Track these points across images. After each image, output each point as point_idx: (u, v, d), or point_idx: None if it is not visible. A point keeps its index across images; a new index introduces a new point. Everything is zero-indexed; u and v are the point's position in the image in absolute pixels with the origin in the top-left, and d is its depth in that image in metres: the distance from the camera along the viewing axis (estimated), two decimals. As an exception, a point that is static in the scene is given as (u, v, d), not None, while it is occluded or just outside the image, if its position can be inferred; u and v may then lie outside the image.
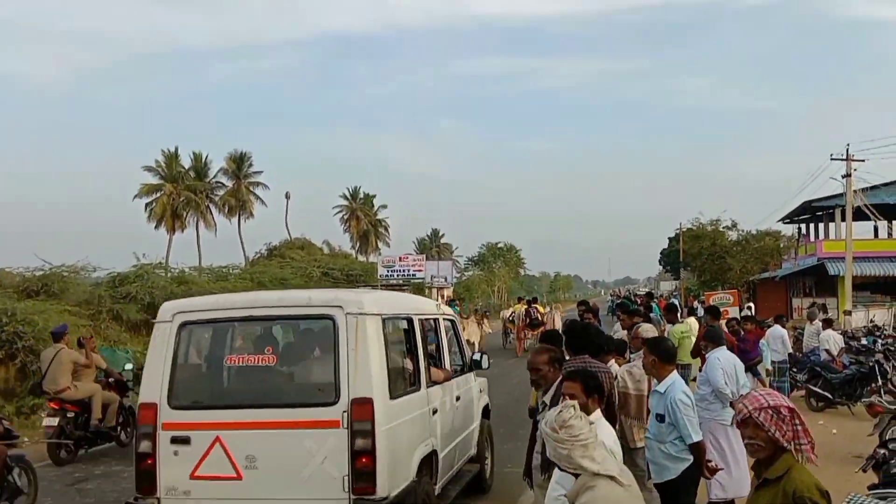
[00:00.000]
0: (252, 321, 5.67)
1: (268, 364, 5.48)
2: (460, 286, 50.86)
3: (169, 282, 26.57)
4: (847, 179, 27.03)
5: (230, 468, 5.11)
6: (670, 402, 5.06)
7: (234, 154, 57.79)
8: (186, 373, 5.62)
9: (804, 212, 36.82)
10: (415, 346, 6.19)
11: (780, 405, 2.83)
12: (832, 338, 14.66)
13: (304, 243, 46.75)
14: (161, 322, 5.58)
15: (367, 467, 4.97)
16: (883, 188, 30.70)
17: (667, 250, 75.11)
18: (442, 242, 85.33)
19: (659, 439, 5.18)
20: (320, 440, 5.05)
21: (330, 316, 5.23)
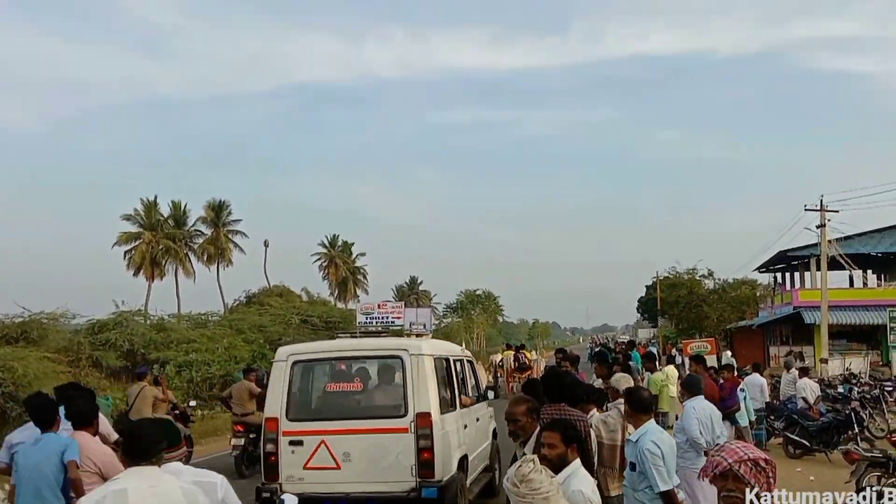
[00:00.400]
0: (343, 360, 7.99)
1: (356, 389, 7.76)
2: (439, 333, 50.71)
3: (148, 329, 26.45)
4: (821, 230, 27.70)
5: (332, 461, 7.07)
6: (640, 452, 5.11)
7: (212, 202, 57.96)
8: (298, 395, 7.59)
9: (780, 261, 37.57)
10: (451, 378, 8.31)
11: (759, 457, 2.88)
12: (809, 386, 14.80)
13: (282, 290, 46.58)
14: (278, 361, 7.57)
15: (428, 460, 6.95)
16: (857, 238, 31.56)
17: (644, 298, 75.74)
18: (420, 289, 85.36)
19: (633, 487, 5.24)
20: (395, 441, 7.05)
21: (399, 356, 7.39)
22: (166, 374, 20.20)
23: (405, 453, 6.99)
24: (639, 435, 5.22)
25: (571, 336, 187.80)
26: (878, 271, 39.74)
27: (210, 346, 24.77)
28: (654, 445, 5.11)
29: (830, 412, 13.80)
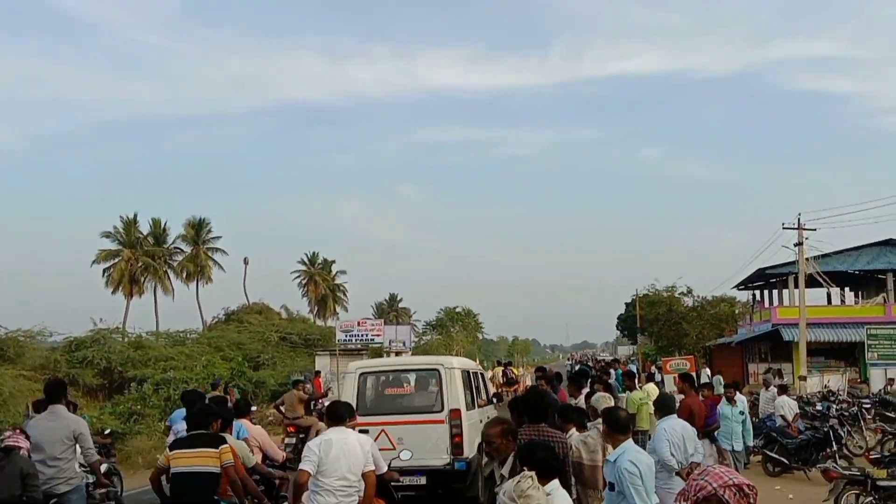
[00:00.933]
0: (396, 371, 10.97)
1: (407, 392, 10.64)
2: (418, 350, 50.67)
3: (126, 346, 26.16)
4: (799, 248, 28.07)
5: (389, 444, 9.01)
6: (618, 471, 5.11)
7: (192, 220, 57.49)
8: (365, 397, 10.11)
9: (758, 279, 37.97)
10: (471, 385, 10.73)
11: (743, 483, 2.89)
12: (787, 403, 14.90)
13: (261, 308, 46.34)
14: (349, 373, 10.31)
15: (458, 443, 9.41)
16: (834, 256, 32.00)
17: (624, 315, 76.18)
18: (400, 307, 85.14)
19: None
20: (435, 429, 9.48)
21: (437, 369, 10.03)
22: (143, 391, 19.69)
23: (442, 438, 9.49)
24: (617, 455, 5.22)
25: (551, 353, 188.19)
26: (856, 289, 40.34)
27: (188, 363, 24.53)
28: (632, 465, 5.11)
29: (809, 430, 13.90)
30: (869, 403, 18.68)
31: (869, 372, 25.99)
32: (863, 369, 30.40)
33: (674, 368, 22.58)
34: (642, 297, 49.88)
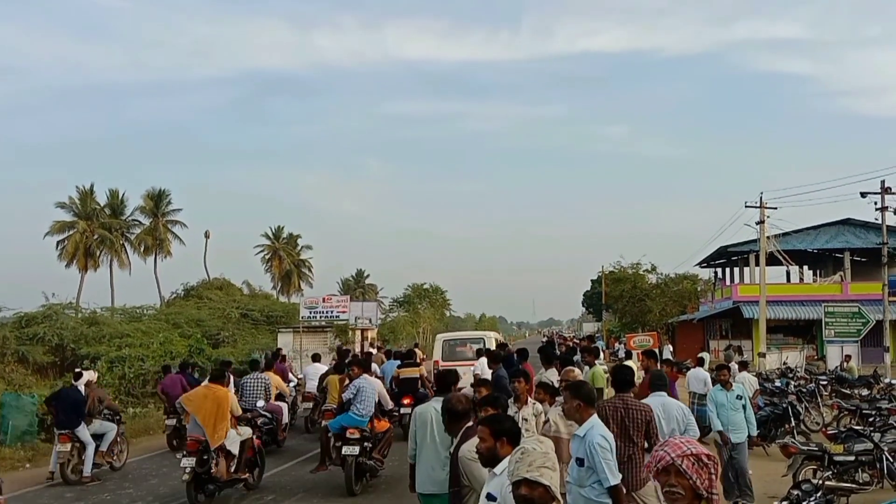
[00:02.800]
0: (464, 341, 20.76)
1: (467, 350, 19.49)
2: (385, 327, 50.37)
3: (79, 322, 25.45)
4: (760, 226, 28.39)
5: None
6: (589, 446, 5.03)
7: (151, 191, 56.07)
8: (445, 352, 19.91)
9: (720, 256, 38.47)
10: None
11: (702, 452, 2.81)
12: (747, 380, 14.88)
13: (222, 283, 45.50)
14: (438, 340, 20.85)
15: None
16: (794, 235, 32.49)
17: (589, 292, 76.86)
18: (367, 283, 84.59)
19: (579, 483, 5.12)
20: None
21: (482, 338, 20.15)
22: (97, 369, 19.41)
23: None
24: (586, 429, 5.13)
25: (518, 330, 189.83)
26: (814, 267, 41.15)
27: (144, 340, 23.93)
28: (603, 439, 5.07)
29: (768, 406, 14.01)
30: (826, 380, 18.98)
31: (826, 349, 26.49)
32: (820, 346, 31.08)
33: (637, 345, 22.72)
34: (608, 274, 50.27)
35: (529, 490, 2.98)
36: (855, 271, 35.29)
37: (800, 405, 14.21)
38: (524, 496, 2.99)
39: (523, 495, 2.99)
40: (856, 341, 24.90)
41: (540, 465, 3.00)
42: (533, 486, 2.97)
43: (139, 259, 55.12)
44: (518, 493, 3.03)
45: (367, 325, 37.92)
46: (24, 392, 16.00)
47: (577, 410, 5.27)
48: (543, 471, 2.99)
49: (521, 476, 3.01)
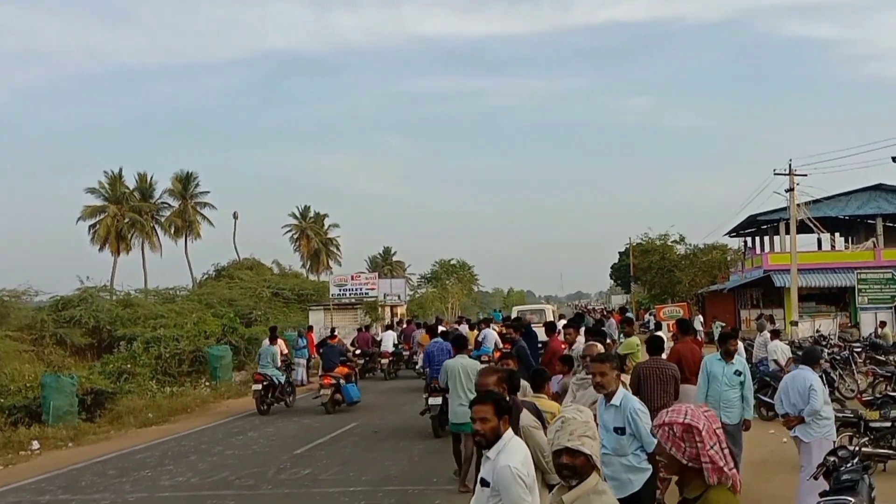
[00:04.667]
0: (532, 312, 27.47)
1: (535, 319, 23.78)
2: (414, 303, 50.69)
3: (114, 305, 25.95)
4: (790, 194, 27.88)
5: None
6: (630, 413, 5.08)
7: (179, 174, 56.58)
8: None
9: (750, 225, 37.89)
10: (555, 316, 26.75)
11: (675, 422, 2.65)
12: (780, 348, 14.91)
13: (252, 263, 46.01)
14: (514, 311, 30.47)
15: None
16: (825, 202, 31.82)
17: (617, 265, 76.29)
18: (394, 260, 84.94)
19: (619, 453, 5.13)
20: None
21: (544, 309, 28.71)
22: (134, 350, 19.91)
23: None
24: (620, 399, 5.20)
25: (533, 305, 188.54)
26: (846, 234, 40.34)
27: (178, 320, 24.33)
28: (641, 405, 5.17)
29: (802, 374, 13.85)
30: (860, 347, 18.71)
31: (859, 316, 26.09)
32: (853, 314, 30.57)
33: (667, 315, 22.56)
34: (635, 246, 49.85)
35: (571, 459, 2.95)
36: (887, 237, 34.56)
37: (834, 373, 14.07)
38: (566, 465, 2.96)
39: (565, 464, 2.96)
40: (890, 307, 24.56)
41: (581, 433, 2.97)
42: (574, 455, 2.95)
43: (170, 241, 55.98)
44: (559, 461, 2.99)
45: (396, 301, 38.19)
46: (64, 373, 16.40)
47: (615, 380, 5.30)
48: (584, 440, 2.96)
49: (562, 445, 2.98)
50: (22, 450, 13.27)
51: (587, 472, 2.97)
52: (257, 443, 12.86)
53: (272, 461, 11.06)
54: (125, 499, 9.28)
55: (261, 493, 9.23)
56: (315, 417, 15.56)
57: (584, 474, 2.96)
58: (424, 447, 11.73)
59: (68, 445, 13.72)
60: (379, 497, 8.78)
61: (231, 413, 16.94)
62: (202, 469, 10.83)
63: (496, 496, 3.55)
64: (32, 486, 10.34)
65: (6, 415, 14.94)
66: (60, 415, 14.93)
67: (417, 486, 9.28)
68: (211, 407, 18.16)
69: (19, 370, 16.97)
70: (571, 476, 2.96)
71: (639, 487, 5.07)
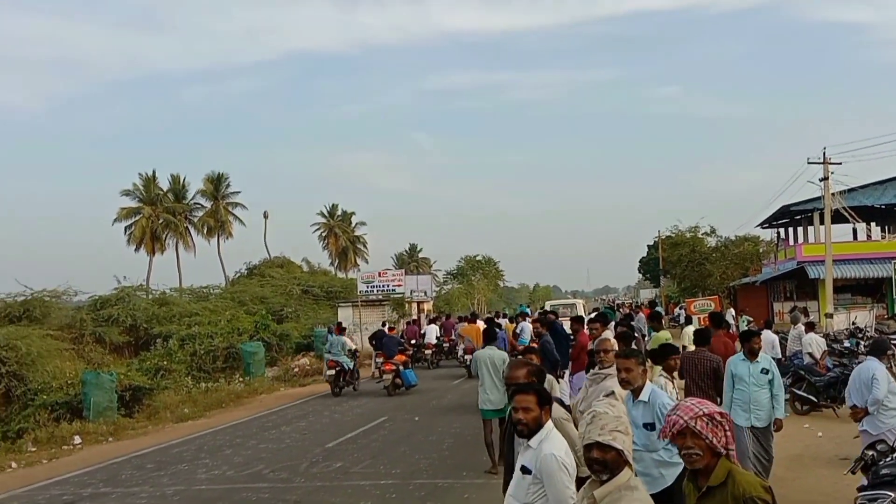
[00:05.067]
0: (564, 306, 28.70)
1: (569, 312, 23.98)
2: (440, 300, 50.82)
3: (150, 303, 26.45)
4: (824, 183, 27.29)
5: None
6: (659, 408, 5.02)
7: (211, 175, 57.45)
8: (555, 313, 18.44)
9: (783, 216, 37.24)
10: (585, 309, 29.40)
11: (714, 412, 2.84)
12: (815, 341, 14.63)
13: (283, 262, 46.59)
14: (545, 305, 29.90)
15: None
16: (860, 190, 31.14)
17: (646, 258, 75.53)
18: (420, 257, 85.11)
19: (650, 449, 5.11)
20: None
21: (575, 303, 31.77)
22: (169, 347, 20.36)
23: None
24: (648, 394, 5.17)
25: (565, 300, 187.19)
26: (882, 223, 39.42)
27: (212, 318, 24.79)
28: (669, 399, 5.11)
29: (837, 367, 13.64)
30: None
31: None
32: (890, 305, 29.93)
33: (698, 309, 22.32)
34: (664, 239, 49.25)
35: (602, 453, 2.95)
36: (926, 226, 33.79)
37: (870, 365, 13.75)
38: (596, 459, 2.96)
39: (595, 458, 2.96)
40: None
41: (612, 428, 2.97)
42: (605, 450, 2.95)
43: (203, 241, 56.83)
44: (590, 456, 2.99)
45: (422, 297, 38.33)
46: (103, 370, 16.81)
47: (642, 376, 5.26)
48: (616, 434, 2.96)
49: (592, 439, 2.97)
50: (65, 444, 13.65)
51: (619, 467, 2.97)
52: (290, 437, 13.05)
53: (305, 455, 11.22)
54: (163, 491, 9.49)
55: (294, 486, 9.37)
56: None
57: (615, 469, 2.96)
58: (454, 440, 11.81)
59: (108, 440, 14.06)
60: (409, 490, 8.86)
61: (265, 408, 17.23)
62: (237, 462, 11.02)
63: (537, 483, 3.60)
64: (75, 480, 10.65)
65: (49, 411, 15.38)
66: (100, 410, 15.32)
67: (447, 479, 9.34)
68: (245, 402, 18.46)
69: (61, 368, 17.43)
70: (602, 471, 2.96)
71: (671, 482, 5.03)
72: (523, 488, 3.67)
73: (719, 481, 2.78)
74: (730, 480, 2.77)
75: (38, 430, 14.41)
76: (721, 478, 2.79)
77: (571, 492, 3.48)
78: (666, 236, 48.41)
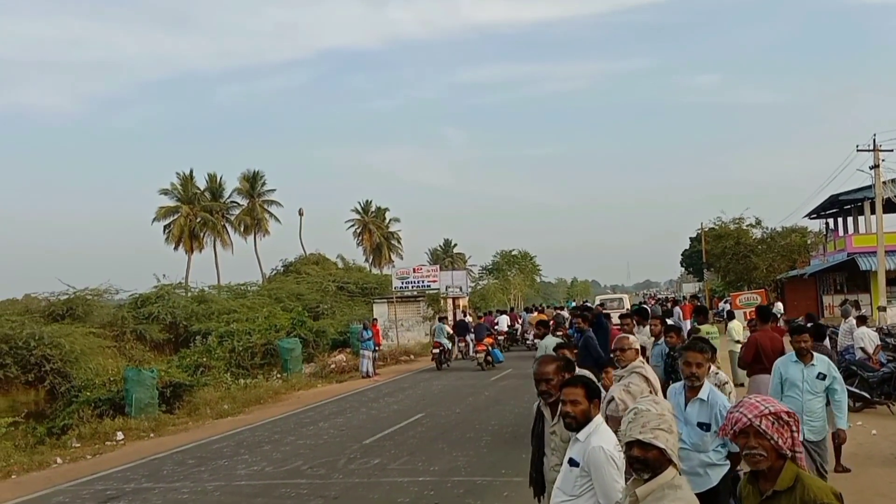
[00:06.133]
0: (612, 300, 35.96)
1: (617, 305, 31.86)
2: (475, 295, 50.58)
3: (189, 301, 26.78)
4: (875, 170, 26.35)
5: None
6: (720, 410, 4.84)
7: (247, 173, 58.19)
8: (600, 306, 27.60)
9: (831, 206, 36.14)
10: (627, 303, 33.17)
11: (781, 411, 2.71)
12: (867, 335, 14.09)
13: (318, 258, 46.88)
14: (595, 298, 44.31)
15: None
16: (913, 178, 30.04)
17: (688, 251, 74.20)
18: (455, 252, 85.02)
19: (700, 449, 4.95)
20: None
21: (622, 298, 36.87)
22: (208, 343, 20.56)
23: None
24: (707, 393, 4.99)
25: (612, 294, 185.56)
26: (936, 212, 38.01)
27: (250, 315, 24.97)
28: (728, 402, 4.96)
29: (891, 362, 13.12)
30: (954, 332, 17.52)
31: (953, 299, 24.53)
32: (946, 297, 28.81)
33: (744, 303, 21.73)
34: (708, 231, 48.23)
35: (643, 452, 2.85)
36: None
37: (922, 360, 13.19)
38: (637, 458, 2.87)
39: (636, 457, 2.87)
40: None
41: (655, 426, 2.86)
42: (646, 449, 2.84)
43: (240, 238, 57.67)
44: (630, 454, 2.91)
45: (457, 293, 38.19)
46: (144, 367, 17.01)
47: (707, 373, 5.09)
48: (658, 433, 2.85)
49: (633, 437, 2.88)
50: (108, 440, 13.84)
51: (661, 465, 2.85)
52: (328, 433, 13.01)
53: (342, 451, 11.16)
54: (204, 487, 9.52)
55: (332, 482, 9.30)
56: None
57: (657, 468, 2.85)
58: (491, 438, 11.63)
59: (150, 436, 14.21)
60: (447, 487, 8.73)
61: (302, 404, 17.25)
62: (276, 458, 11.00)
63: (585, 476, 3.61)
64: (118, 475, 10.76)
65: (92, 407, 15.61)
66: (142, 407, 15.49)
67: (485, 476, 9.19)
68: (282, 398, 18.54)
69: (103, 365, 17.70)
70: (643, 469, 2.86)
71: (716, 483, 4.90)
72: (570, 481, 3.68)
73: (786, 486, 2.64)
74: (798, 485, 2.63)
75: (82, 427, 14.64)
76: (789, 482, 2.65)
77: (620, 485, 3.43)
78: (709, 228, 47.37)
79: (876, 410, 12.24)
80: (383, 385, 20.09)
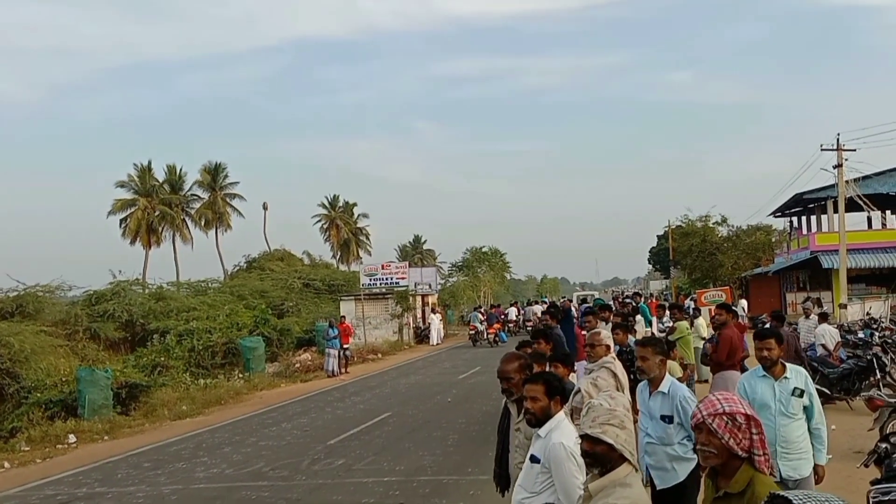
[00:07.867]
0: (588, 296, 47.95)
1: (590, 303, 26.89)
2: (445, 292, 50.37)
3: (147, 298, 26.00)
4: (838, 170, 26.73)
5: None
6: (680, 402, 4.88)
7: (208, 166, 56.34)
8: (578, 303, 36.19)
9: (795, 204, 36.72)
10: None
11: (736, 412, 2.65)
12: (828, 332, 14.30)
13: (283, 254, 45.97)
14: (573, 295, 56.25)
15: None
16: (875, 177, 30.63)
17: (656, 249, 75.09)
18: (424, 248, 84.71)
19: (665, 442, 4.93)
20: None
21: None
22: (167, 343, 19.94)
23: None
24: (668, 386, 5.02)
25: (581, 291, 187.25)
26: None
27: (211, 313, 24.29)
28: (690, 393, 5.02)
29: (851, 358, 13.28)
30: (913, 330, 17.82)
31: (912, 297, 25.02)
32: (905, 295, 29.41)
33: (709, 301, 21.82)
34: (675, 229, 48.72)
35: (591, 446, 2.85)
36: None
37: (885, 357, 13.36)
38: (586, 452, 2.90)
39: (585, 451, 2.91)
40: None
41: (604, 421, 2.85)
42: (595, 443, 2.84)
43: (201, 233, 55.80)
44: (581, 448, 2.96)
45: (427, 290, 37.93)
46: (98, 367, 16.45)
47: (659, 366, 5.08)
48: (607, 427, 2.84)
49: (582, 431, 2.93)
50: (59, 443, 13.37)
51: (612, 461, 2.84)
52: (291, 434, 12.72)
53: (306, 452, 10.91)
54: (160, 491, 9.22)
55: (295, 484, 9.07)
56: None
57: (606, 463, 2.84)
58: (459, 436, 11.49)
59: (104, 438, 13.76)
60: (413, 487, 8.57)
61: (265, 404, 16.87)
62: (237, 460, 10.71)
63: (546, 472, 3.64)
64: (70, 479, 10.39)
65: (43, 409, 15.06)
66: (96, 408, 14.99)
67: (452, 475, 9.05)
68: (244, 398, 18.13)
69: (55, 365, 17.11)
70: (592, 464, 2.89)
71: (683, 477, 4.89)
72: (532, 477, 3.70)
73: (739, 489, 2.61)
74: (749, 490, 2.59)
75: (32, 429, 14.10)
76: (742, 485, 2.61)
77: (579, 481, 3.43)
78: (676, 226, 47.90)
79: (835, 406, 12.35)
80: (350, 384, 19.80)
